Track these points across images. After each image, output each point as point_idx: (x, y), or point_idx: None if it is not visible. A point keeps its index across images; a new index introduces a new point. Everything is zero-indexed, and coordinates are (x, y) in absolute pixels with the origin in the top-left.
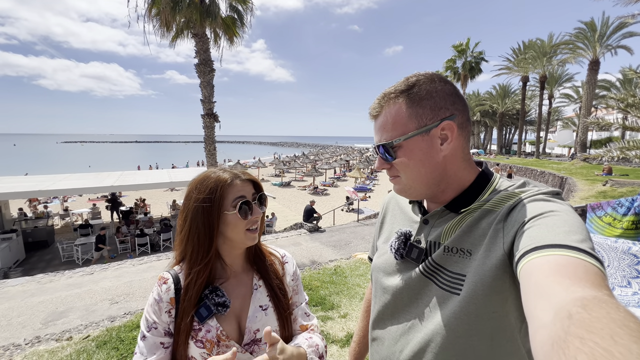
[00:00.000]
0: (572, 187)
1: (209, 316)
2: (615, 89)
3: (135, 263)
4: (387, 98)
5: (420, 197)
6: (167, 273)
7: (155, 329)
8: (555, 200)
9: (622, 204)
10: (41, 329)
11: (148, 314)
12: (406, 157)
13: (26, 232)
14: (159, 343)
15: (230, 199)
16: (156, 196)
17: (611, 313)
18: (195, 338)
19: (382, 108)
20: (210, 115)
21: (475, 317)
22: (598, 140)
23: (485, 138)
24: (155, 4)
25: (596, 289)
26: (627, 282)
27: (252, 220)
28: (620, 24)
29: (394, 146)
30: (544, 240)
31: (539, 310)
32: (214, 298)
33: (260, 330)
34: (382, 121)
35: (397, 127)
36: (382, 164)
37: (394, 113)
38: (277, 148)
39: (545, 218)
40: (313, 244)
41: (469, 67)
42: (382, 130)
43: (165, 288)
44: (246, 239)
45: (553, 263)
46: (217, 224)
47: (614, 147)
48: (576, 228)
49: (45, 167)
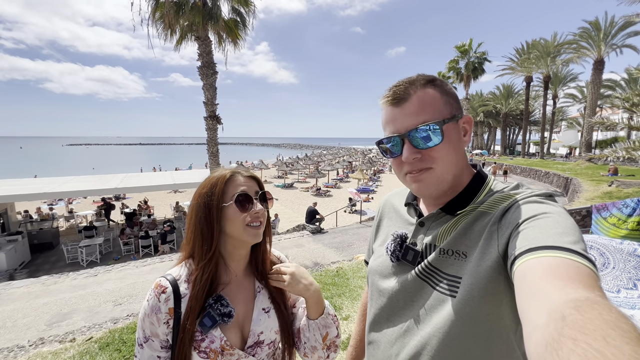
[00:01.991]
0: (577, 187)
1: (213, 326)
2: (621, 89)
3: (138, 265)
4: (417, 84)
5: (443, 192)
6: (164, 280)
7: (152, 342)
8: (548, 202)
9: (627, 204)
10: (45, 330)
11: (144, 325)
12: (447, 142)
13: (31, 233)
14: (156, 357)
15: (230, 193)
16: (159, 198)
17: (603, 314)
18: (198, 349)
19: (411, 93)
20: (213, 117)
21: (471, 320)
22: (603, 140)
23: (488, 139)
24: (158, 8)
25: (588, 290)
26: (633, 284)
27: (253, 215)
28: (626, 23)
29: (439, 129)
30: (537, 242)
31: (532, 312)
32: (219, 308)
33: (264, 332)
34: (416, 104)
35: (436, 111)
36: (414, 152)
37: (429, 98)
38: (280, 150)
39: (538, 220)
40: (315, 245)
41: (472, 68)
42: (419, 113)
43: (164, 298)
44: (245, 234)
45: (546, 264)
46: (216, 218)
47: (620, 147)
48: (569, 230)
49: (51, 169)
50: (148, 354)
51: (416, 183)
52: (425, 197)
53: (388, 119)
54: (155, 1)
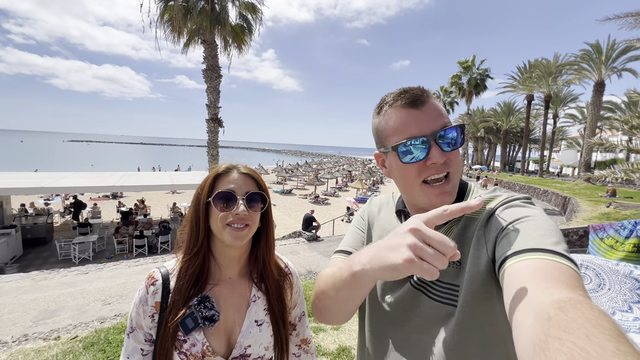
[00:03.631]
0: (575, 207)
1: (194, 328)
2: (620, 111)
3: (131, 264)
4: (427, 92)
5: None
6: (157, 272)
7: (137, 333)
8: (528, 206)
9: (625, 226)
10: (30, 327)
11: (132, 315)
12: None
13: (25, 228)
14: (139, 349)
15: (218, 189)
16: (157, 198)
17: (585, 313)
18: (179, 349)
19: (428, 98)
20: (215, 120)
21: (467, 327)
22: (602, 161)
23: (488, 155)
24: (167, 10)
25: (571, 290)
26: (629, 306)
27: (234, 216)
28: (626, 47)
29: (462, 131)
30: (521, 245)
31: (520, 314)
32: (201, 310)
33: (252, 346)
34: (436, 107)
35: (447, 117)
36: (442, 155)
37: (440, 105)
38: (281, 156)
39: (521, 223)
40: (311, 253)
41: (474, 84)
42: (442, 116)
43: (153, 290)
44: (225, 234)
45: (531, 267)
46: (202, 212)
47: (619, 168)
48: (550, 231)
49: (49, 164)
50: (132, 345)
51: (439, 196)
52: (436, 206)
53: (407, 121)
54: (164, 3)
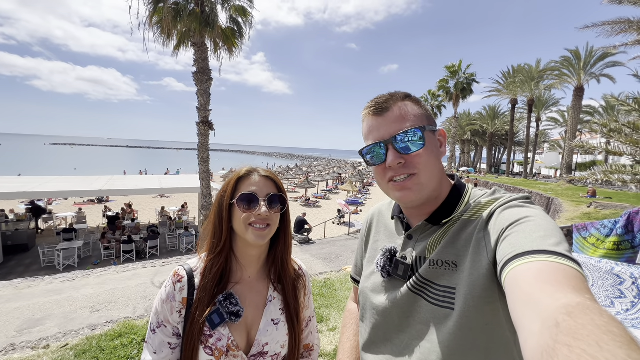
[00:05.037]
0: (558, 207)
1: (220, 323)
2: (599, 115)
3: (119, 270)
4: (396, 97)
5: (425, 200)
6: (182, 269)
7: (165, 327)
8: (527, 206)
9: (605, 225)
10: (15, 337)
11: (158, 310)
12: (428, 149)
13: (6, 234)
14: (167, 343)
15: (240, 191)
16: (144, 202)
17: (595, 319)
18: (205, 344)
19: (392, 104)
20: (205, 123)
21: (469, 331)
22: (583, 163)
23: (475, 157)
24: (156, 13)
25: (578, 293)
26: (611, 302)
27: (256, 216)
28: (604, 54)
29: (421, 134)
30: (523, 247)
31: (526, 320)
32: (227, 306)
33: (269, 344)
34: (398, 113)
35: (416, 120)
36: (398, 157)
37: (409, 108)
38: (271, 159)
39: (521, 224)
40: (303, 255)
41: (461, 88)
42: (402, 120)
43: (180, 287)
44: (247, 234)
45: (534, 270)
46: (225, 213)
47: (598, 170)
48: (551, 232)
49: (30, 168)
50: (160, 339)
51: (400, 191)
52: (408, 206)
53: (371, 128)
54: (153, 5)
